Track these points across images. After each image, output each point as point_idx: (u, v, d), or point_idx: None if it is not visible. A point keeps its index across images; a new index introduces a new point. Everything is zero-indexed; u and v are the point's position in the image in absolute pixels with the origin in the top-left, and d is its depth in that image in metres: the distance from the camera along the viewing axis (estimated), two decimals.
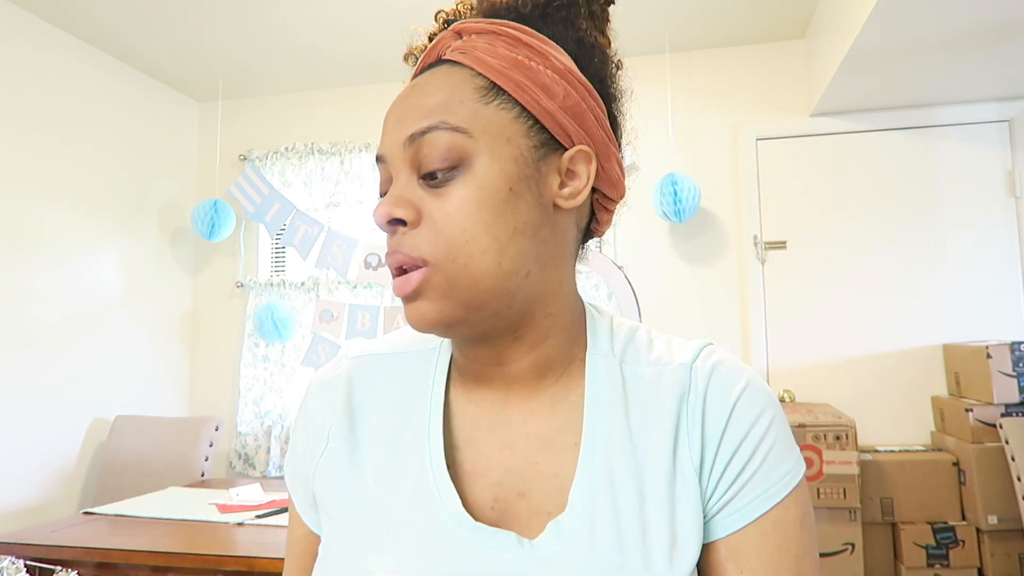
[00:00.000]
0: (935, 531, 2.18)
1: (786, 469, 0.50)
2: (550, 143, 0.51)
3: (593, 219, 0.57)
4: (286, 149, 3.15)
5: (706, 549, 0.50)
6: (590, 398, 0.52)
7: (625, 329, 0.57)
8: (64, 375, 2.58)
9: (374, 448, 0.54)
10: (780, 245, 2.72)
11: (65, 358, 2.58)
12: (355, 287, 3.03)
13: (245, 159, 3.21)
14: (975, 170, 2.59)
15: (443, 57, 0.52)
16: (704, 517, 0.50)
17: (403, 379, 0.57)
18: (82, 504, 2.62)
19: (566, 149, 0.51)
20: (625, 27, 2.65)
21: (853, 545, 2.16)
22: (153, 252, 3.05)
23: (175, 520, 1.83)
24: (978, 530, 2.17)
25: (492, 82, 0.50)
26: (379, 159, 0.52)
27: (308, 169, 3.14)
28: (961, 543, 2.17)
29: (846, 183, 2.68)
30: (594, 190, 0.54)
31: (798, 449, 0.52)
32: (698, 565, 0.50)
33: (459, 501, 0.50)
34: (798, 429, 2.18)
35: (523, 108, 0.50)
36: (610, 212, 0.57)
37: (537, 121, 0.50)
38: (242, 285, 3.17)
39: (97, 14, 2.50)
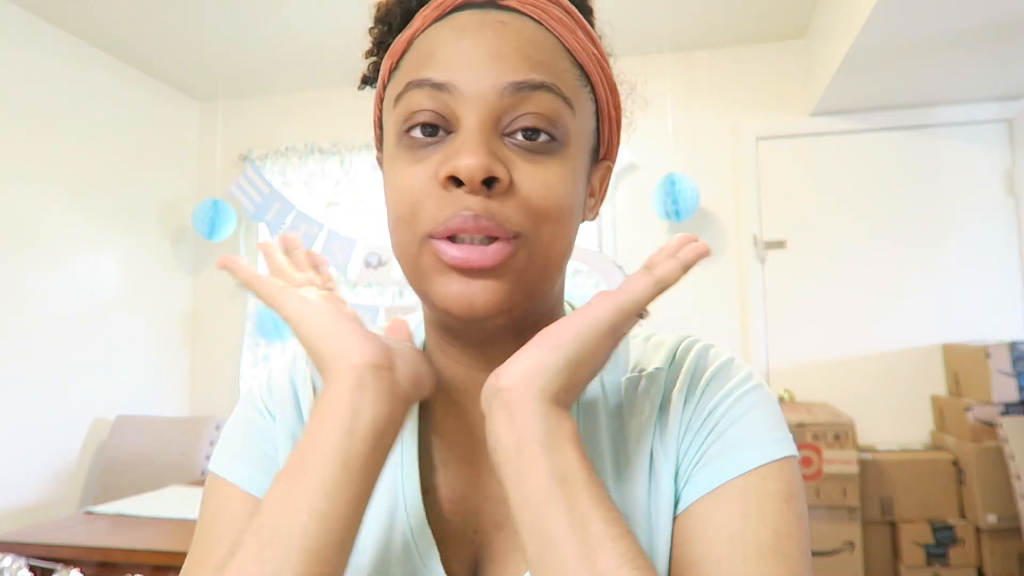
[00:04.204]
0: (934, 530, 2.19)
1: (768, 439, 0.44)
2: (596, 150, 0.47)
3: None
4: (286, 149, 3.15)
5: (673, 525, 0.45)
6: None
7: None
8: (65, 375, 2.58)
9: None
10: (780, 245, 2.72)
11: (65, 358, 2.58)
12: (355, 287, 3.03)
13: (245, 159, 3.21)
14: (975, 170, 2.59)
15: (505, 3, 0.43)
16: (675, 495, 0.45)
17: None
18: (83, 503, 2.62)
19: (598, 160, 0.48)
20: (625, 27, 2.66)
21: (852, 544, 2.16)
22: (153, 252, 3.05)
23: (176, 519, 1.83)
24: (977, 529, 2.17)
25: (581, 66, 0.44)
26: (438, 86, 0.41)
27: (308, 169, 3.14)
28: (960, 542, 2.17)
29: (846, 183, 2.68)
30: None
31: (788, 432, 0.46)
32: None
33: (439, 560, 0.45)
34: (797, 428, 2.18)
35: (597, 107, 0.46)
36: None
37: (599, 125, 0.47)
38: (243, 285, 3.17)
39: (97, 14, 2.50)
